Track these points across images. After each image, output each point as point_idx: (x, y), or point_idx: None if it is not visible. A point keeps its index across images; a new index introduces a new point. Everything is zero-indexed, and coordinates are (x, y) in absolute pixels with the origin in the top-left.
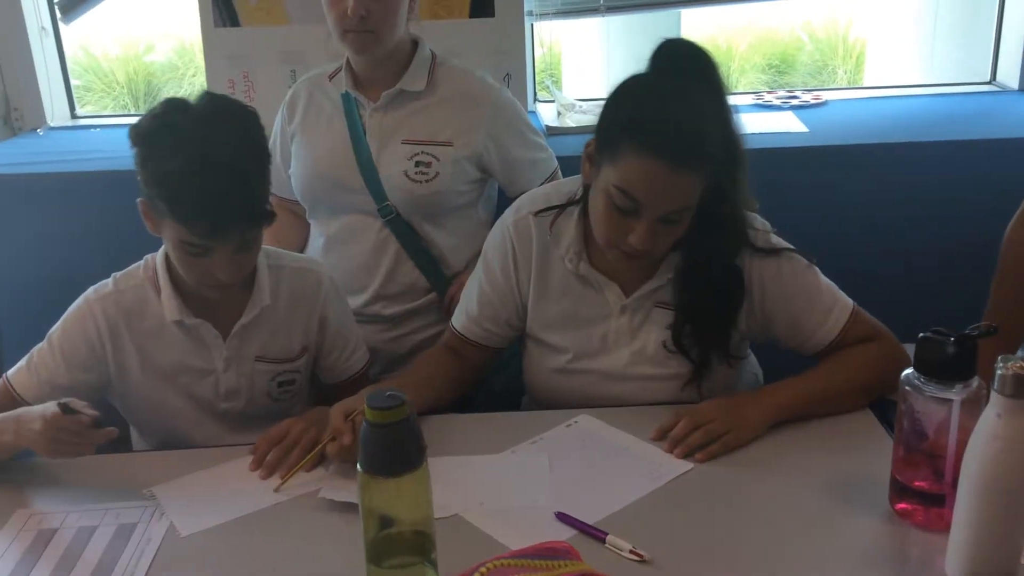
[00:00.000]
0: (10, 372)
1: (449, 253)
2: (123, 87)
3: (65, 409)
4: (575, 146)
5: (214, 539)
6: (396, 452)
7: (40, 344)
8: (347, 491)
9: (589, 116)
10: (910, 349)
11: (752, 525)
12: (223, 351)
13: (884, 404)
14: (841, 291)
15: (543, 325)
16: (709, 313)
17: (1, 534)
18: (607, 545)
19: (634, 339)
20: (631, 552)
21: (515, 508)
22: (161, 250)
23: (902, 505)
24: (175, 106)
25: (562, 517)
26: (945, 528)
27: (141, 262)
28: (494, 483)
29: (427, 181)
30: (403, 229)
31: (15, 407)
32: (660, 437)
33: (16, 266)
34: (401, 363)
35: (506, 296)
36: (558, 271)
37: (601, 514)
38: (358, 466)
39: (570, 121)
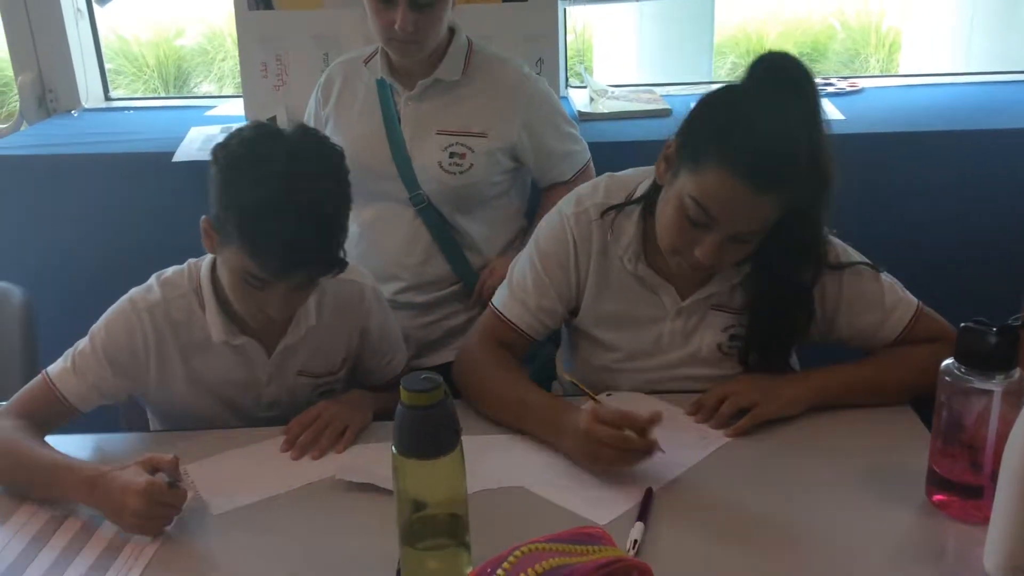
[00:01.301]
0: (52, 371)
1: (482, 242)
2: (153, 71)
3: (171, 484)
4: (607, 132)
5: (239, 519)
6: (431, 435)
7: (81, 344)
8: (362, 471)
9: (621, 102)
10: None
11: (786, 509)
12: (267, 367)
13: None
14: (906, 290)
15: (596, 322)
16: (777, 333)
17: (15, 515)
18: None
19: (687, 342)
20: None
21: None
22: (206, 267)
23: (939, 496)
24: (266, 134)
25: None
26: (982, 521)
27: (184, 269)
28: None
29: (461, 172)
30: (434, 218)
31: (59, 407)
32: (696, 412)
33: (51, 247)
34: (433, 349)
35: (563, 289)
36: (616, 268)
37: (654, 484)
38: (392, 448)
39: (602, 107)
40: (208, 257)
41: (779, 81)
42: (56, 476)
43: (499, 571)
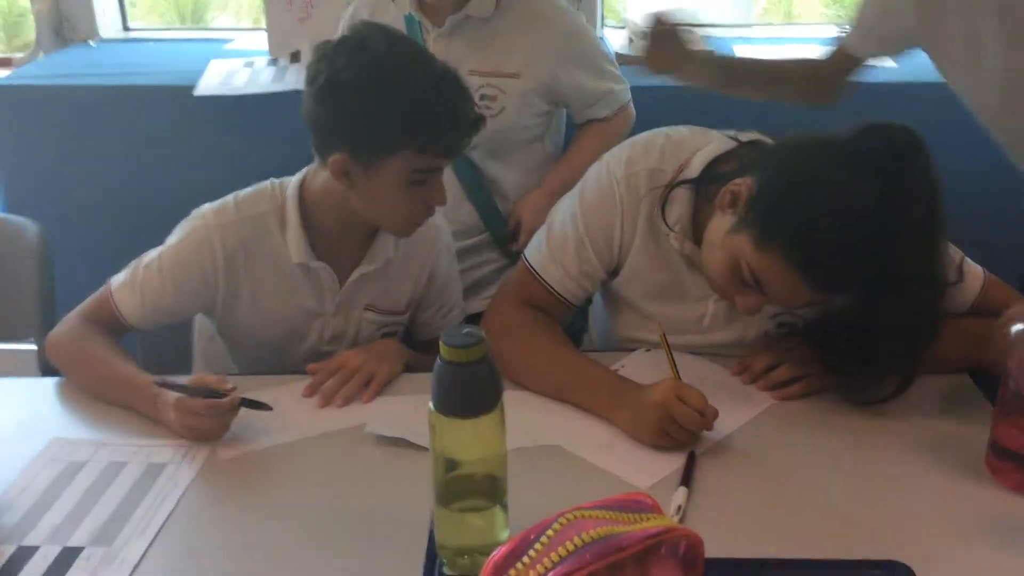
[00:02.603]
0: (115, 282)
1: (512, 189)
2: (169, 2)
3: (178, 389)
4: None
5: (250, 468)
6: (472, 392)
7: (148, 257)
8: (394, 426)
9: None
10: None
11: (835, 476)
12: (337, 296)
13: None
14: (971, 262)
15: (637, 292)
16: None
17: (33, 462)
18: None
19: (731, 324)
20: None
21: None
22: (292, 186)
23: (1000, 467)
24: (375, 40)
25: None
26: None
27: (266, 185)
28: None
29: (492, 116)
30: (463, 164)
31: (116, 322)
32: (741, 372)
33: (68, 181)
34: (465, 296)
35: (604, 254)
36: (663, 240)
37: (696, 447)
38: (430, 405)
39: (640, 49)
40: (294, 177)
41: (877, 160)
42: (125, 389)
43: (543, 538)
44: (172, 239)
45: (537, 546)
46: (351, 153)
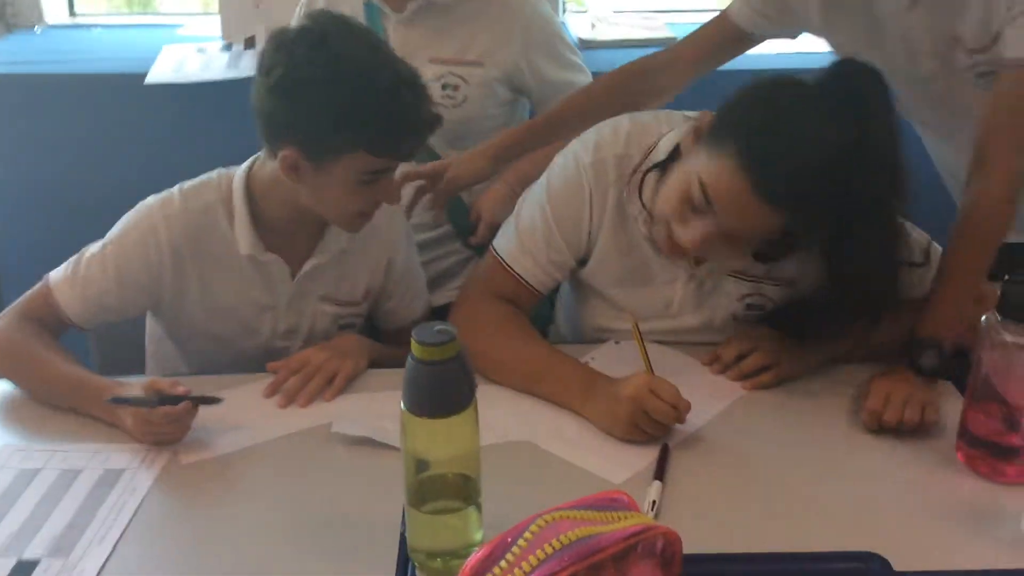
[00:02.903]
0: (53, 277)
1: None
2: None
3: (134, 404)
4: (609, 61)
5: (212, 473)
6: (445, 392)
7: (90, 251)
8: (361, 424)
9: (623, 28)
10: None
11: (808, 465)
12: (289, 289)
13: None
14: (938, 246)
15: (606, 279)
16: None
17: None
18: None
19: (699, 309)
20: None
21: (588, 434)
22: (239, 177)
23: (969, 454)
24: (336, 35)
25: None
26: (1014, 481)
27: (212, 176)
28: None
29: (455, 106)
30: (423, 155)
31: (56, 319)
32: (711, 362)
33: (14, 171)
34: (429, 289)
35: (573, 242)
36: (631, 225)
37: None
38: (401, 404)
39: (604, 34)
40: (241, 167)
41: (843, 95)
42: (76, 392)
43: (521, 540)
44: (115, 232)
45: (515, 549)
46: (302, 149)
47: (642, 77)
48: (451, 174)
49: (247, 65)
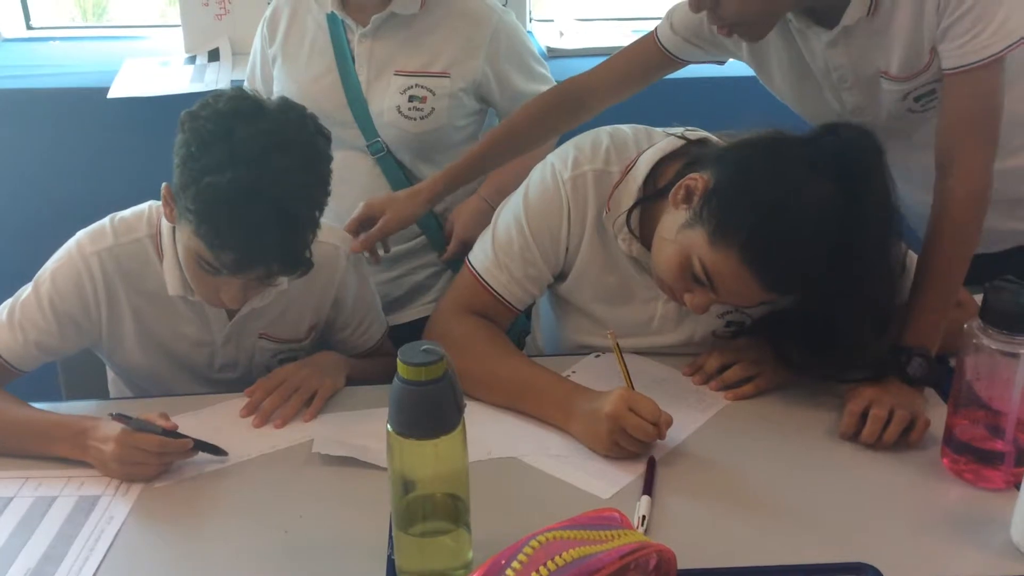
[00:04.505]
0: None
1: None
2: None
3: (136, 425)
4: (576, 70)
5: (189, 496)
6: (433, 412)
7: (23, 295)
8: (342, 444)
9: (591, 36)
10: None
11: (795, 475)
12: (225, 327)
13: None
14: (914, 254)
15: (585, 295)
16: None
17: None
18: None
19: (680, 327)
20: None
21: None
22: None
23: (954, 461)
24: (243, 111)
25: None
26: (1000, 487)
27: (144, 208)
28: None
29: (422, 118)
30: (394, 167)
31: None
32: (693, 373)
33: None
34: (400, 305)
35: (550, 257)
36: (611, 242)
37: (655, 453)
38: (387, 426)
39: (572, 43)
40: None
41: (841, 171)
42: (43, 432)
43: (514, 563)
44: (46, 270)
45: (509, 572)
46: (173, 189)
47: (574, 96)
48: (385, 220)
49: (212, 78)
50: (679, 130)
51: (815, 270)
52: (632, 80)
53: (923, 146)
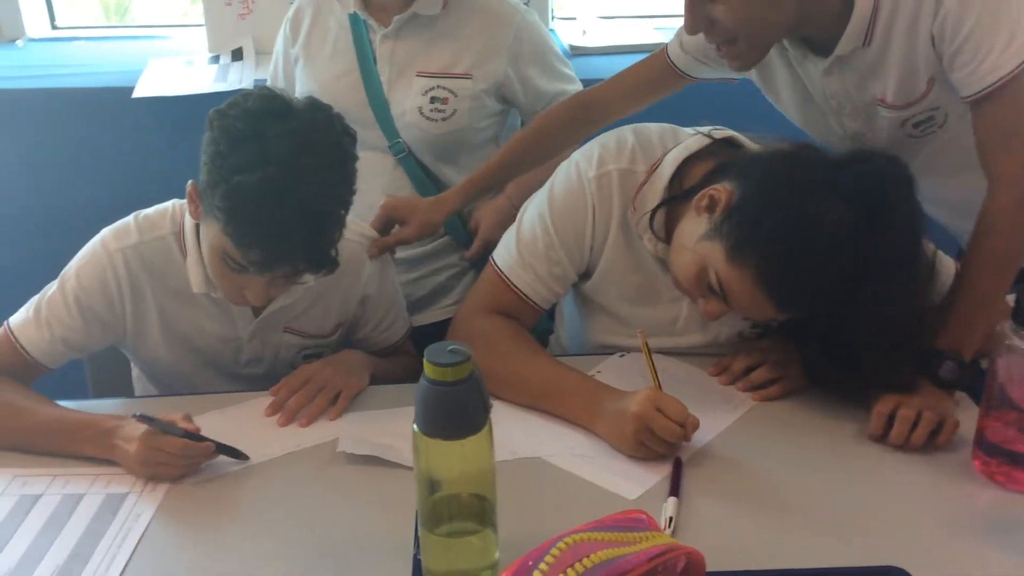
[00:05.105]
0: (14, 321)
1: None
2: None
3: (159, 427)
4: (600, 68)
5: (215, 494)
6: (459, 413)
7: (49, 291)
8: (367, 443)
9: (614, 34)
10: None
11: (824, 477)
12: (251, 324)
13: None
14: (943, 255)
15: (611, 295)
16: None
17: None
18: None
19: (706, 326)
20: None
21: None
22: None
23: (986, 463)
24: (273, 109)
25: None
26: None
27: (167, 206)
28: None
29: (443, 120)
30: (416, 168)
31: (22, 362)
32: (719, 373)
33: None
34: (423, 306)
35: (575, 256)
36: (636, 241)
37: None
38: (414, 426)
39: (595, 41)
40: None
41: (861, 197)
42: (69, 431)
43: (542, 565)
44: (72, 267)
45: (536, 573)
46: (200, 186)
47: (586, 111)
48: (403, 230)
49: (235, 77)
50: (706, 129)
51: (829, 297)
52: (643, 95)
53: (927, 171)
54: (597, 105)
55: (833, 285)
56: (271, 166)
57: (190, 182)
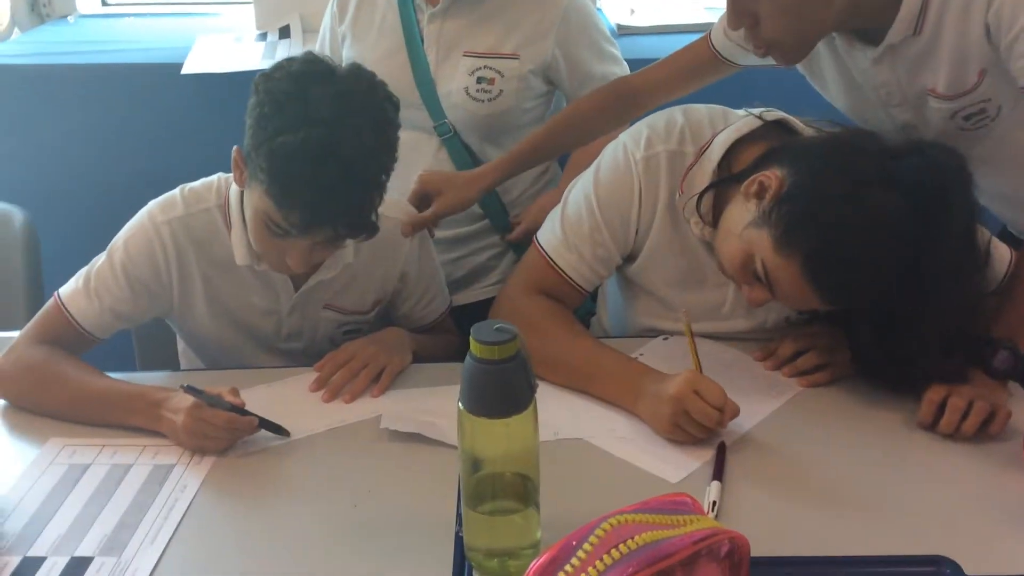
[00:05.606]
0: (64, 292)
1: None
2: None
3: (206, 399)
4: (648, 48)
5: (260, 468)
6: (505, 392)
7: (97, 263)
8: (410, 420)
9: (662, 14)
10: None
11: (869, 465)
12: (292, 297)
13: None
14: (998, 241)
15: (656, 278)
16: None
17: (32, 463)
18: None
19: (751, 312)
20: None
21: (639, 432)
22: (236, 186)
23: None
24: (316, 72)
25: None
26: None
27: (213, 180)
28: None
29: (490, 100)
30: (460, 149)
31: (72, 332)
32: (765, 358)
33: (51, 165)
34: (458, 288)
35: (620, 239)
36: (683, 224)
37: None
38: (459, 404)
39: (643, 20)
40: None
41: (916, 192)
42: (119, 403)
43: (586, 544)
44: (119, 238)
45: (580, 554)
46: (245, 151)
47: (629, 96)
48: (438, 203)
49: (283, 54)
50: (757, 111)
51: (879, 292)
52: (686, 82)
53: (982, 162)
54: (639, 91)
55: (884, 282)
56: (314, 127)
57: (235, 148)
